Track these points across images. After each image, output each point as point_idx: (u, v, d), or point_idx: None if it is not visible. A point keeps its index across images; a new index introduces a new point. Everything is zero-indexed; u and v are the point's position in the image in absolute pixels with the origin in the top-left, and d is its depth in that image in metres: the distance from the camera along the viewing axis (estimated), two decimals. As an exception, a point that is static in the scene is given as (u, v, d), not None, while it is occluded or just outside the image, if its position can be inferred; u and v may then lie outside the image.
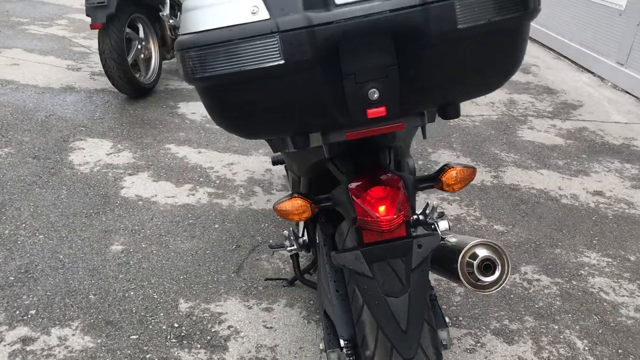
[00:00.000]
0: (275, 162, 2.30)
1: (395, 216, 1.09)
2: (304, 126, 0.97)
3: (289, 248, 1.85)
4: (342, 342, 1.47)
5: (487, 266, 1.31)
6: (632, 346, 2.04)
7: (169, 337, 1.94)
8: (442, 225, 1.63)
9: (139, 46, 3.99)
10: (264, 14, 0.87)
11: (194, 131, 3.63)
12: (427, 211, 1.78)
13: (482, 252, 1.32)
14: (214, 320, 2.03)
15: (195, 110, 3.99)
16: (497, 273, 1.33)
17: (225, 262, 2.35)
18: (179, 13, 4.40)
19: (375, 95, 0.91)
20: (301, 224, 1.93)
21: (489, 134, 3.94)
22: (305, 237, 1.84)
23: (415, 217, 1.73)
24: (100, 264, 2.27)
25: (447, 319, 1.43)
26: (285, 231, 1.84)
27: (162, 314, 2.03)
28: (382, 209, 1.09)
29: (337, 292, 1.49)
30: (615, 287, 2.37)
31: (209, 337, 1.96)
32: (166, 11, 4.13)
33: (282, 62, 0.86)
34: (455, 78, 0.93)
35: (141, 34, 4.05)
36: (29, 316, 2.00)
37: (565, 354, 1.98)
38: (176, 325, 1.99)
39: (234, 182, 3.02)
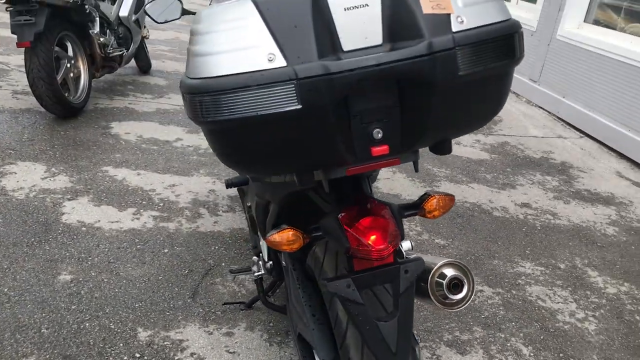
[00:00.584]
0: (229, 185, 2.31)
1: (387, 245, 1.15)
2: (312, 164, 1.02)
3: (257, 273, 1.87)
4: (319, 365, 1.51)
5: (456, 285, 1.40)
6: (571, 350, 2.20)
7: (131, 369, 1.91)
8: (405, 245, 1.71)
9: (68, 65, 3.87)
10: (280, 62, 0.91)
11: (130, 152, 3.56)
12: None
13: (449, 272, 1.40)
14: (176, 348, 2.01)
15: (129, 130, 3.91)
16: (465, 291, 1.42)
17: (179, 287, 2.33)
18: (108, 30, 4.30)
19: (380, 135, 0.97)
20: (264, 248, 1.96)
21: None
22: (271, 262, 1.87)
23: None
24: (49, 296, 2.19)
25: (416, 336, 1.51)
26: (255, 257, 1.86)
27: (121, 345, 1.99)
28: (373, 238, 1.15)
29: (313, 317, 1.53)
30: (550, 295, 2.54)
31: (172, 366, 1.94)
32: (96, 29, 4.03)
33: (299, 107, 0.90)
34: (452, 118, 1.00)
35: (70, 52, 3.92)
36: (-22, 355, 1.91)
37: (514, 361, 2.11)
38: (137, 355, 1.96)
39: (178, 204, 2.99)
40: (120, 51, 4.39)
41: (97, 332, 2.04)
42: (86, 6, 3.88)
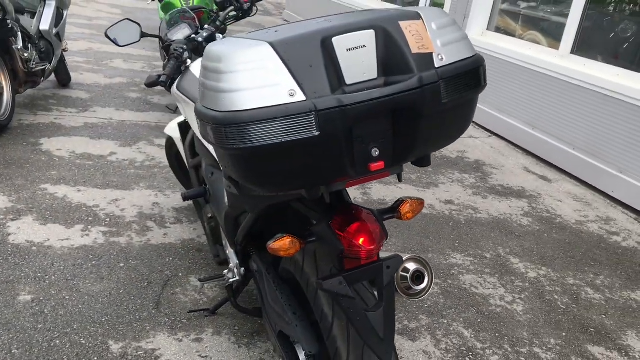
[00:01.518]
0: (187, 198, 2.41)
1: (377, 245, 1.33)
2: (320, 180, 1.18)
3: (231, 280, 2.00)
4: (302, 357, 1.67)
5: (418, 277, 1.61)
6: (505, 329, 2.48)
7: (109, 380, 1.98)
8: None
9: (-9, 81, 3.77)
10: (300, 96, 1.07)
11: (66, 169, 3.53)
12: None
13: (412, 266, 1.62)
14: (149, 357, 2.09)
15: (60, 146, 3.87)
16: (426, 282, 1.63)
17: (142, 299, 2.40)
18: (29, 45, 4.21)
19: (377, 153, 1.15)
20: (233, 256, 2.08)
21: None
22: (243, 268, 2.00)
23: None
24: (13, 317, 2.20)
25: None
26: (231, 264, 1.99)
27: (95, 359, 2.05)
28: (362, 240, 1.33)
29: (295, 315, 1.69)
30: (481, 282, 2.83)
31: (149, 374, 2.02)
32: (19, 44, 3.94)
33: (317, 133, 1.07)
34: (434, 137, 1.20)
35: (-9, 69, 3.83)
36: (-51, 381, 1.91)
37: (458, 343, 2.36)
38: (113, 367, 2.03)
39: (124, 218, 3.03)
40: (43, 65, 4.31)
41: (69, 348, 2.08)
42: (8, 21, 3.80)
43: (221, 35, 2.57)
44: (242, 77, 1.07)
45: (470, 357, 2.29)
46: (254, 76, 1.07)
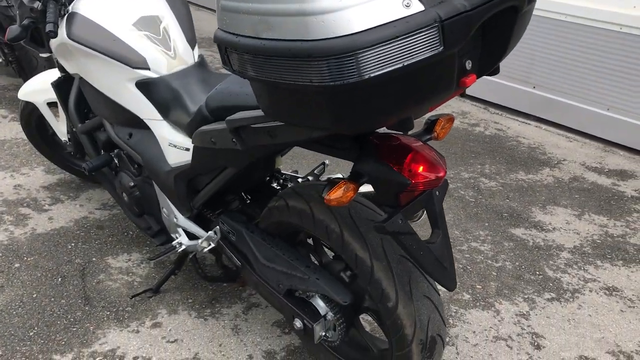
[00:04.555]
0: (92, 170, 2.03)
1: (444, 169, 1.21)
2: (425, 103, 0.99)
3: (205, 249, 1.75)
4: (323, 310, 1.54)
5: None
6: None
7: (80, 399, 1.65)
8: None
9: None
10: (417, 6, 0.87)
11: None
12: (316, 171, 1.90)
13: None
14: (114, 358, 1.78)
15: None
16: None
17: (65, 298, 2.02)
18: None
19: (470, 65, 1.00)
20: (187, 223, 1.81)
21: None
22: (213, 232, 1.76)
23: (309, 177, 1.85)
24: None
25: None
26: (211, 232, 1.73)
27: (50, 380, 1.69)
28: (421, 169, 1.20)
29: (309, 268, 1.53)
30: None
31: (122, 378, 1.73)
32: None
33: (441, 49, 0.88)
34: (515, 40, 1.08)
35: None
36: None
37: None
38: (77, 383, 1.70)
39: (-12, 211, 2.50)
40: None
41: (9, 378, 1.69)
42: None
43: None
44: None
45: (426, 266, 2.32)
46: None
